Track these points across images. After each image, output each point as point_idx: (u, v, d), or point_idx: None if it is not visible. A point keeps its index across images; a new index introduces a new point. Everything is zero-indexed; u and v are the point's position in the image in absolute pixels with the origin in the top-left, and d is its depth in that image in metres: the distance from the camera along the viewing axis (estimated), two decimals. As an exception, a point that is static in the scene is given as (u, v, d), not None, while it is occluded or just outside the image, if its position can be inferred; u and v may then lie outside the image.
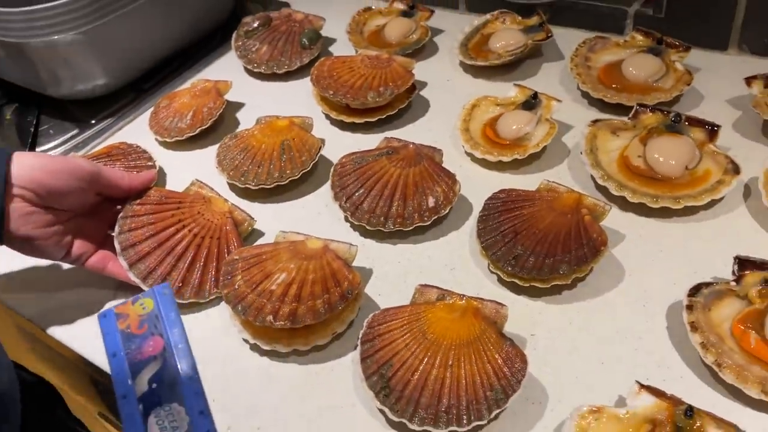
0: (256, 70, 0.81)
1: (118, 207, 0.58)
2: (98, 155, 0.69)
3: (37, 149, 0.78)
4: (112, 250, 0.55)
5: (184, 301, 0.53)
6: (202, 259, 0.55)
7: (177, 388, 0.38)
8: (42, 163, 0.50)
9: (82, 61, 0.77)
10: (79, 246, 0.54)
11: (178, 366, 0.39)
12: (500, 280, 0.52)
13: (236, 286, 0.50)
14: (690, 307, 0.45)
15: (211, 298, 0.54)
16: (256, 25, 0.85)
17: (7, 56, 0.78)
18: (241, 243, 0.57)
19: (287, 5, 0.95)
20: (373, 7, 0.86)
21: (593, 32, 0.75)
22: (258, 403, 0.47)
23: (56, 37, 0.73)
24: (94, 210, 0.56)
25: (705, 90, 0.66)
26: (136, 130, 0.77)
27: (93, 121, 0.81)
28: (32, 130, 0.81)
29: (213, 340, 0.52)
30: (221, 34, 0.90)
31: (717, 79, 0.67)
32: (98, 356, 0.52)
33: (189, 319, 0.54)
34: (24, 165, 0.49)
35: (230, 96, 0.76)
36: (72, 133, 0.80)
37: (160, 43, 0.84)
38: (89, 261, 0.55)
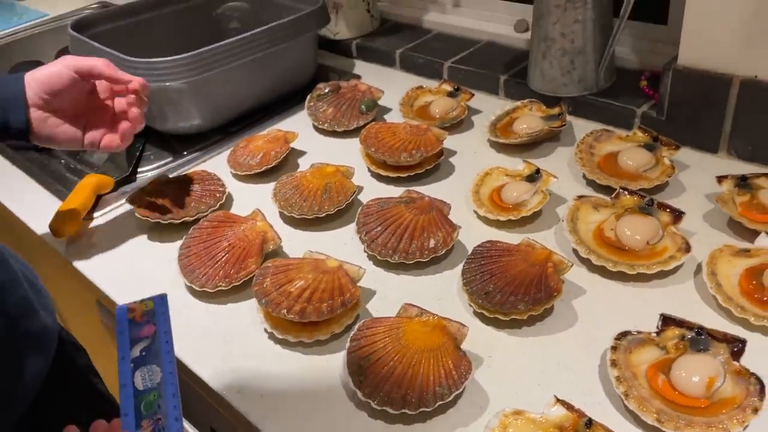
0: (320, 126, 0.98)
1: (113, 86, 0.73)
2: (183, 178, 0.87)
3: (139, 170, 0.97)
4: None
5: (211, 290, 0.68)
6: (231, 261, 0.71)
7: (158, 358, 0.52)
8: (40, 75, 0.69)
9: (185, 105, 0.97)
10: (89, 136, 0.72)
11: (161, 346, 0.54)
12: (474, 312, 0.64)
13: (264, 286, 0.65)
14: (614, 348, 0.55)
15: (219, 287, 0.69)
16: (327, 90, 1.02)
17: (129, 94, 0.99)
18: (259, 254, 0.71)
19: (358, 77, 1.13)
20: (425, 86, 1.02)
21: (606, 125, 0.87)
22: (267, 377, 0.60)
23: (168, 83, 0.93)
24: (93, 104, 0.73)
25: (690, 184, 0.77)
26: (217, 163, 0.94)
27: (185, 153, 1.00)
28: (138, 154, 1.00)
29: (240, 328, 0.66)
30: (301, 94, 1.08)
31: (703, 176, 0.77)
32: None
33: (223, 310, 0.69)
34: (32, 82, 0.68)
35: (295, 144, 0.93)
36: (167, 160, 0.99)
37: (248, 98, 1.03)
38: (101, 144, 0.72)
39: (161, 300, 0.58)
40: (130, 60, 0.91)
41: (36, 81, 0.69)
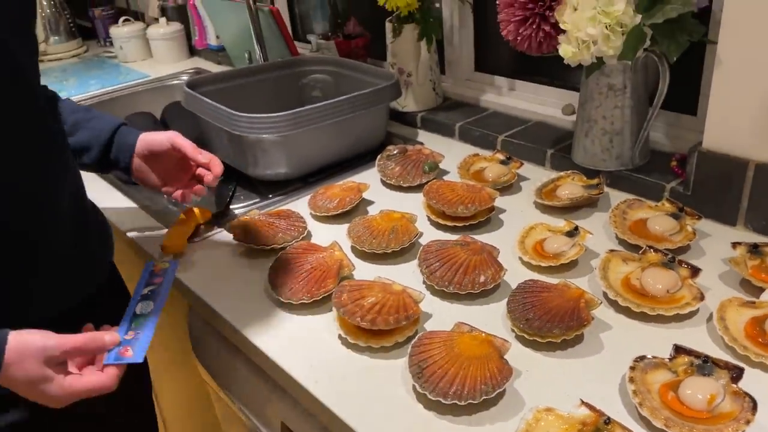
0: (388, 181, 1.14)
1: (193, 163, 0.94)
2: (271, 214, 1.03)
3: (231, 206, 1.14)
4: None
5: (295, 302, 0.82)
6: (313, 280, 0.85)
7: (155, 298, 0.77)
8: (149, 137, 0.93)
9: (275, 155, 1.15)
10: (166, 188, 0.96)
11: (161, 292, 0.78)
12: (516, 335, 0.76)
13: (342, 298, 0.78)
14: (632, 368, 0.66)
15: (302, 300, 0.82)
16: (395, 152, 1.19)
17: (229, 142, 1.17)
18: (336, 277, 0.85)
19: (421, 143, 1.29)
20: (480, 154, 1.17)
21: (638, 197, 1.00)
22: (339, 373, 0.73)
23: (264, 136, 1.11)
24: (178, 166, 0.95)
25: (708, 248, 0.88)
26: (299, 205, 1.10)
27: (270, 196, 1.16)
28: (231, 193, 1.17)
29: (317, 334, 0.79)
30: (371, 154, 1.25)
31: (720, 243, 0.89)
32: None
33: (304, 319, 0.82)
34: (142, 140, 0.93)
35: (366, 194, 1.08)
36: (254, 201, 1.16)
37: (328, 153, 1.20)
38: (173, 195, 0.96)
39: (174, 265, 0.84)
40: (236, 114, 1.10)
41: (145, 140, 0.94)
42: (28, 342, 0.65)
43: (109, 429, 0.89)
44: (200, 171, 0.95)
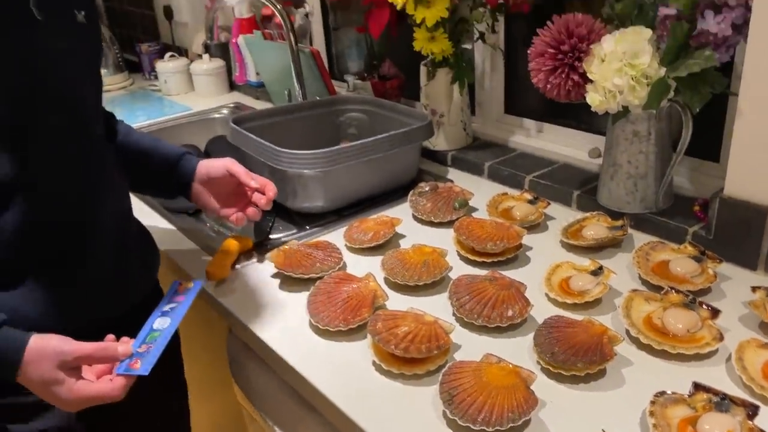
0: (420, 216, 1.19)
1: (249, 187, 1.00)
2: (309, 245, 1.09)
3: (270, 236, 1.20)
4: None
5: (332, 329, 0.87)
6: (348, 309, 0.90)
7: (173, 316, 0.83)
8: (208, 163, 1.01)
9: (313, 189, 1.21)
10: (224, 211, 1.02)
11: (179, 311, 0.84)
12: (542, 368, 0.80)
13: (377, 327, 0.83)
14: (653, 402, 0.70)
15: (339, 327, 0.87)
16: (427, 189, 1.24)
17: (270, 175, 1.23)
18: (370, 307, 0.90)
19: (452, 181, 1.35)
20: (508, 193, 1.22)
21: (661, 239, 1.04)
22: (373, 397, 0.78)
23: (305, 171, 1.18)
24: (235, 191, 1.01)
25: (729, 291, 0.92)
26: (334, 236, 1.16)
27: (308, 227, 1.22)
28: (270, 225, 1.23)
29: (352, 360, 0.84)
30: (403, 190, 1.31)
31: (741, 286, 0.92)
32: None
33: (340, 345, 0.87)
34: (202, 166, 1.00)
35: (399, 228, 1.14)
36: (292, 232, 1.22)
37: (363, 188, 1.26)
38: (230, 218, 1.01)
39: (197, 286, 0.90)
40: (279, 150, 1.17)
41: (204, 166, 1.02)
42: (47, 345, 0.72)
43: None
44: (255, 196, 1.00)
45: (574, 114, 1.35)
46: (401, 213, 1.22)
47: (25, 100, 0.75)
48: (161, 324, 0.83)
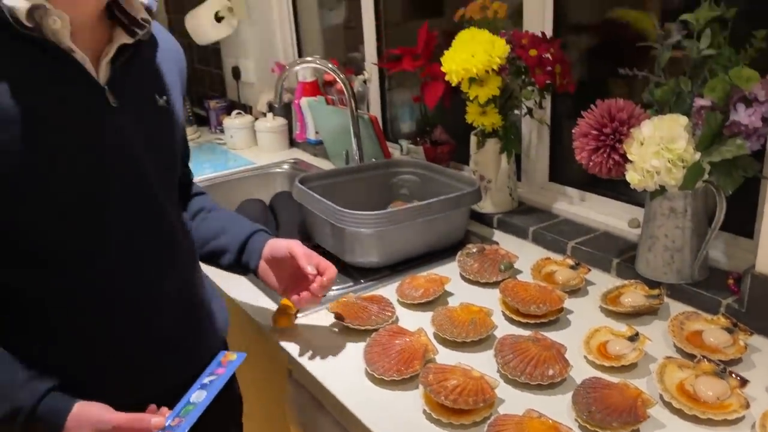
0: (467, 276, 1.29)
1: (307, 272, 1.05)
2: (365, 298, 1.19)
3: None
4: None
5: (386, 379, 0.96)
6: (402, 360, 0.99)
7: (210, 389, 0.87)
8: (273, 243, 1.08)
9: (369, 246, 1.32)
10: (286, 289, 1.09)
11: (216, 384, 0.89)
12: (579, 425, 0.87)
13: (428, 378, 0.92)
14: (682, 462, 0.77)
15: (392, 377, 0.96)
16: (474, 250, 1.34)
17: (330, 231, 1.35)
18: (421, 359, 0.99)
19: (497, 243, 1.44)
20: (551, 258, 1.31)
21: (695, 309, 1.11)
22: (423, 441, 0.86)
23: (362, 230, 1.29)
24: (298, 272, 1.06)
25: (758, 363, 0.98)
26: (387, 291, 1.26)
27: (362, 281, 1.33)
28: (328, 276, 1.34)
29: (404, 408, 0.93)
30: (451, 249, 1.40)
31: (772, 359, 0.98)
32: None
33: (392, 394, 0.96)
34: (267, 246, 1.08)
35: (448, 286, 1.23)
36: (348, 284, 1.32)
37: (415, 247, 1.36)
38: (291, 298, 1.07)
39: (240, 359, 0.95)
40: (340, 210, 1.28)
41: (270, 245, 1.10)
42: (88, 412, 0.81)
43: None
44: (316, 281, 1.05)
45: (615, 185, 1.43)
46: (449, 271, 1.32)
47: (98, 178, 0.83)
48: (197, 397, 0.87)
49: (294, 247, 1.07)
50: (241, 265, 1.11)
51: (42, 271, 0.83)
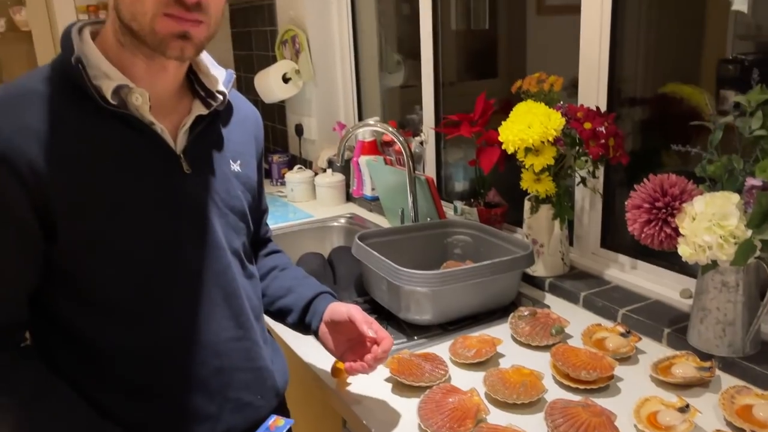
0: (518, 339, 1.33)
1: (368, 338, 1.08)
2: (419, 356, 1.24)
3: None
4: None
5: (449, 438, 1.01)
6: (454, 418, 1.03)
7: None
8: (333, 307, 1.12)
9: (424, 304, 1.37)
10: (343, 354, 1.12)
11: None
12: (627, 494, 0.89)
13: (481, 438, 0.96)
14: None
15: None
16: (526, 313, 1.38)
17: (387, 288, 1.42)
18: (473, 419, 1.02)
19: (548, 307, 1.47)
20: (602, 324, 1.34)
21: (747, 383, 1.12)
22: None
23: (418, 288, 1.35)
24: (356, 338, 1.10)
25: (813, 442, 0.98)
26: (440, 349, 1.31)
27: (416, 337, 1.38)
28: (383, 331, 1.40)
29: (459, 463, 0.97)
30: (503, 310, 1.44)
31: (826, 439, 0.98)
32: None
33: (447, 451, 1.00)
34: (328, 309, 1.12)
35: (499, 348, 1.27)
36: (402, 340, 1.38)
37: (467, 307, 1.41)
38: (346, 363, 1.09)
39: (287, 423, 0.98)
40: (398, 269, 1.35)
41: (330, 308, 1.14)
42: None
43: None
44: (372, 349, 1.07)
45: (666, 255, 1.45)
46: (501, 332, 1.36)
47: (170, 239, 0.92)
48: None
49: (353, 312, 1.09)
50: (304, 325, 1.17)
51: (113, 321, 0.92)
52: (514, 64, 1.98)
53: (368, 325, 1.08)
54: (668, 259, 1.46)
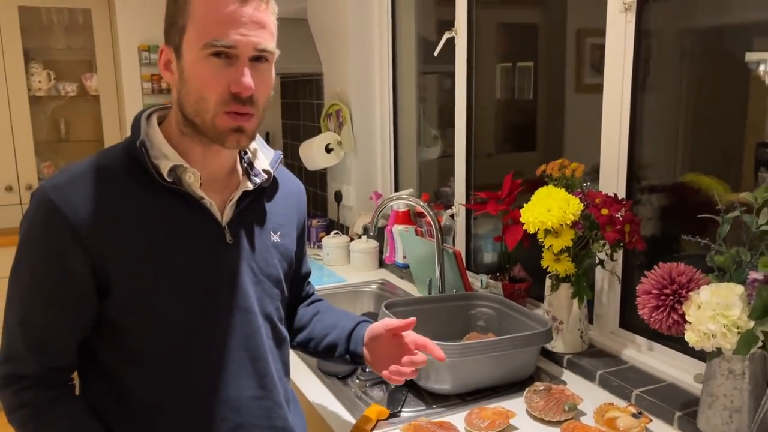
0: (532, 413, 1.38)
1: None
2: (435, 423, 1.31)
3: (403, 409, 1.43)
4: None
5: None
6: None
7: None
8: (372, 327, 1.23)
9: (444, 374, 1.44)
10: (383, 372, 1.18)
11: None
12: None
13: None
14: None
15: None
16: (541, 389, 1.43)
17: (409, 357, 1.49)
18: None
19: (564, 383, 1.52)
20: (614, 404, 1.38)
21: (754, 472, 1.14)
22: None
23: (438, 358, 1.42)
24: (393, 350, 1.19)
25: None
26: (456, 418, 1.37)
27: (434, 405, 1.44)
28: (404, 399, 1.47)
29: None
30: (521, 383, 1.50)
31: None
32: None
33: None
34: (368, 331, 1.23)
35: (513, 421, 1.33)
36: (421, 408, 1.44)
37: (485, 379, 1.48)
38: (382, 373, 1.18)
39: None
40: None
41: (369, 330, 1.24)
42: None
43: None
44: (414, 354, 1.17)
45: (682, 339, 1.50)
46: (516, 406, 1.41)
47: (208, 302, 1.03)
48: None
49: (388, 321, 1.21)
50: (350, 353, 1.25)
51: (149, 373, 1.02)
52: (552, 139, 2.06)
53: (404, 327, 1.19)
54: (683, 343, 1.49)
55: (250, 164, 1.12)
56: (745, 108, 1.45)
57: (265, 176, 1.12)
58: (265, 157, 1.14)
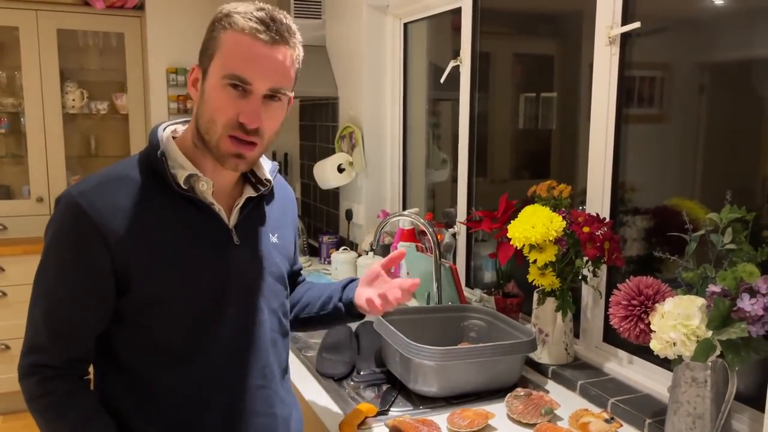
0: (511, 416, 1.47)
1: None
2: (418, 420, 1.40)
3: (392, 408, 1.53)
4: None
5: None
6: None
7: None
8: (364, 275, 1.38)
9: (431, 377, 1.54)
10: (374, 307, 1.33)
11: None
12: None
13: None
14: None
15: None
16: (522, 394, 1.52)
17: (399, 360, 1.59)
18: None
19: (547, 391, 1.60)
20: (589, 410, 1.46)
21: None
22: None
23: (426, 361, 1.52)
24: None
25: None
26: (439, 419, 1.46)
27: (421, 407, 1.54)
28: (393, 399, 1.57)
29: None
30: (506, 390, 1.58)
31: None
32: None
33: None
34: (361, 280, 1.36)
35: (492, 422, 1.42)
36: (408, 408, 1.54)
37: (469, 384, 1.57)
38: (377, 303, 1.33)
39: None
40: (409, 343, 1.53)
41: (361, 279, 1.40)
42: None
43: None
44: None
45: (660, 353, 1.58)
46: (498, 409, 1.50)
47: (218, 297, 1.14)
48: None
49: (378, 263, 1.38)
50: (343, 302, 1.38)
51: (162, 361, 1.13)
52: (565, 168, 2.14)
53: (398, 255, 1.41)
54: (663, 358, 1.58)
55: (252, 172, 1.25)
56: (734, 139, 1.55)
57: (267, 185, 1.25)
58: (265, 167, 1.27)
